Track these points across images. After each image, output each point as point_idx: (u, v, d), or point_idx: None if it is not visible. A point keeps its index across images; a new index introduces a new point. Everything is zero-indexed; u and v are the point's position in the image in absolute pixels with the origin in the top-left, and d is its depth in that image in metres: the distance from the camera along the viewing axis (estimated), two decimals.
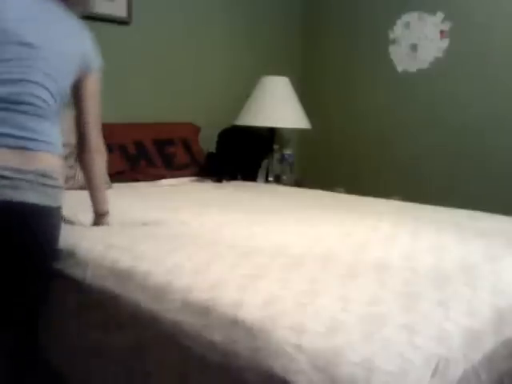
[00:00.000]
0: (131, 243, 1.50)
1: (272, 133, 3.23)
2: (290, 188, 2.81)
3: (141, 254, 1.40)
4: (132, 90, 2.90)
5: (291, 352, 0.95)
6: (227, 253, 1.42)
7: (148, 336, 1.19)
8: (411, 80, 3.34)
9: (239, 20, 3.43)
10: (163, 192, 2.34)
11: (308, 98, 3.59)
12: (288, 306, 1.08)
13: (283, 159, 3.34)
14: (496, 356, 1.10)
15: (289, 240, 1.61)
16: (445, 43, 3.18)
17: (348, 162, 3.67)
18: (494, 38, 2.99)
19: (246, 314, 1.06)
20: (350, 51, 3.63)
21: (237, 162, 3.03)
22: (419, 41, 3.28)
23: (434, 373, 0.94)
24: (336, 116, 3.72)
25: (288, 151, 3.37)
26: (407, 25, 3.33)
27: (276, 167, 3.30)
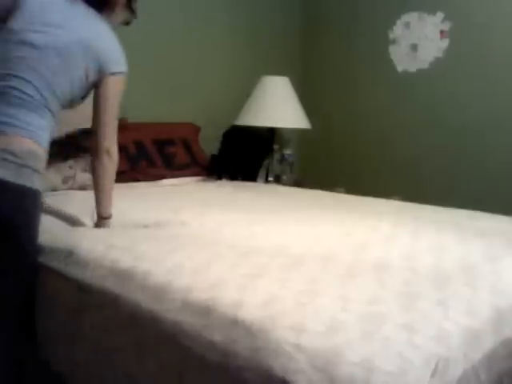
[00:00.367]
0: (132, 243, 1.50)
1: (272, 133, 3.23)
2: (290, 188, 2.81)
3: (141, 254, 1.41)
4: (132, 90, 2.90)
5: (291, 351, 0.95)
6: (227, 253, 1.42)
7: (148, 336, 1.19)
8: (411, 80, 3.34)
9: (239, 20, 3.43)
10: (163, 192, 2.34)
11: (308, 98, 3.59)
12: (288, 306, 1.08)
13: (283, 159, 3.34)
14: (495, 356, 1.10)
15: (289, 240, 1.61)
16: (445, 43, 3.18)
17: (348, 162, 3.67)
18: (494, 38, 2.99)
19: (246, 314, 1.06)
20: (350, 51, 3.63)
21: (238, 162, 3.03)
22: (419, 41, 3.28)
23: (434, 372, 0.94)
24: (336, 116, 3.72)
25: (288, 151, 3.37)
26: (407, 25, 3.33)
27: (276, 167, 3.30)
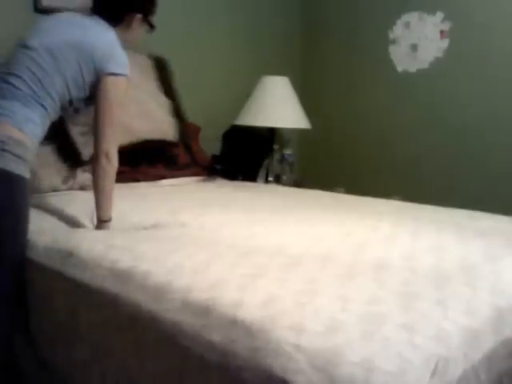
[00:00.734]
0: (131, 243, 1.50)
1: (272, 133, 3.23)
2: (290, 188, 2.81)
3: (141, 254, 1.40)
4: None
5: (290, 352, 0.95)
6: (227, 253, 1.42)
7: (147, 336, 1.19)
8: (411, 80, 3.34)
9: (239, 20, 3.43)
10: (164, 192, 2.34)
11: (308, 98, 3.59)
12: (287, 306, 1.08)
13: (283, 159, 3.33)
14: (495, 356, 1.10)
15: (289, 240, 1.61)
16: (445, 43, 3.18)
17: (348, 162, 3.67)
18: (494, 38, 2.99)
19: (246, 314, 1.06)
20: (350, 51, 3.62)
21: (238, 162, 3.03)
22: (419, 41, 3.28)
23: (434, 372, 0.94)
24: (336, 116, 3.72)
25: (288, 151, 3.37)
26: (407, 25, 3.33)
27: (276, 167, 3.30)
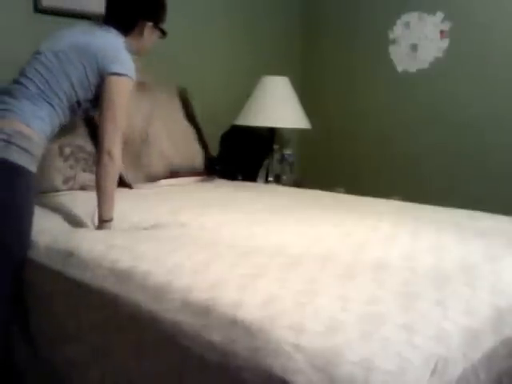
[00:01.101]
0: (131, 243, 1.50)
1: (272, 133, 3.23)
2: (290, 188, 2.80)
3: (141, 254, 1.41)
4: None
5: (290, 351, 0.95)
6: (227, 253, 1.42)
7: (147, 336, 1.19)
8: (411, 80, 3.34)
9: (239, 20, 3.43)
10: (163, 192, 2.34)
11: (308, 98, 3.59)
12: (287, 306, 1.08)
13: (283, 159, 3.33)
14: (495, 355, 1.10)
15: (288, 240, 1.61)
16: (445, 43, 3.18)
17: (348, 162, 3.67)
18: (494, 38, 2.99)
19: (245, 314, 1.06)
20: (350, 51, 3.63)
21: (238, 162, 3.03)
22: (419, 41, 3.28)
23: (433, 372, 0.94)
24: (336, 116, 3.72)
25: (288, 151, 3.37)
26: (407, 25, 3.33)
27: (276, 167, 3.30)
